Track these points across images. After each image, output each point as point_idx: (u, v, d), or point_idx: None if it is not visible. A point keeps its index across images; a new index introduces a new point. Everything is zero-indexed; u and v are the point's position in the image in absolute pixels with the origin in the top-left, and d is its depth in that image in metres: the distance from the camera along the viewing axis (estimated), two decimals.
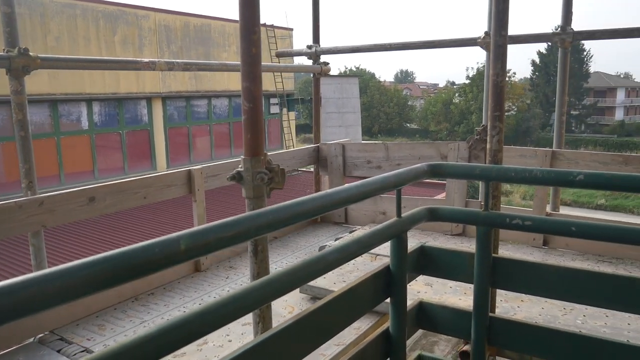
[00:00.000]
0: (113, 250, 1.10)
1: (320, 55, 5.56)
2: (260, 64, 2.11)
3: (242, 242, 1.48)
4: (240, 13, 2.06)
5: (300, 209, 1.68)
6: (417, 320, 2.60)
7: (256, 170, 2.16)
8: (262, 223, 1.52)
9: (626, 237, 2.06)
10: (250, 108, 2.11)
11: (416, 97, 75.65)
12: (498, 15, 2.59)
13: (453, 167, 2.51)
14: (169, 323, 1.18)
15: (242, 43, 2.08)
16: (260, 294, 1.47)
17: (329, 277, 3.91)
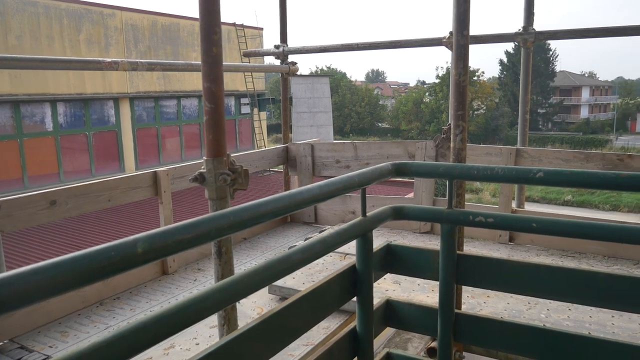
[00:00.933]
0: (66, 255, 1.07)
1: (288, 55, 5.54)
2: (222, 64, 2.08)
3: (204, 244, 1.46)
4: (201, 13, 2.04)
5: (263, 209, 1.67)
6: (384, 318, 2.61)
7: (219, 172, 2.13)
8: (223, 224, 1.50)
9: (584, 232, 2.11)
10: (211, 109, 2.09)
11: (387, 96, 76.21)
12: (459, 17, 2.62)
13: (417, 166, 2.53)
14: (126, 328, 1.15)
15: (203, 43, 2.06)
16: (223, 296, 1.45)
17: (298, 277, 3.91)
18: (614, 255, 4.34)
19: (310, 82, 20.46)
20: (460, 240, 2.87)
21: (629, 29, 4.53)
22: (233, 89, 18.78)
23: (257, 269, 1.61)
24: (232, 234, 2.03)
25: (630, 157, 4.29)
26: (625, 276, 2.11)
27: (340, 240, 2.05)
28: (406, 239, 4.89)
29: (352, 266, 2.26)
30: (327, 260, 4.24)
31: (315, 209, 5.59)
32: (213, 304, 1.40)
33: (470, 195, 32.78)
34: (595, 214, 29.57)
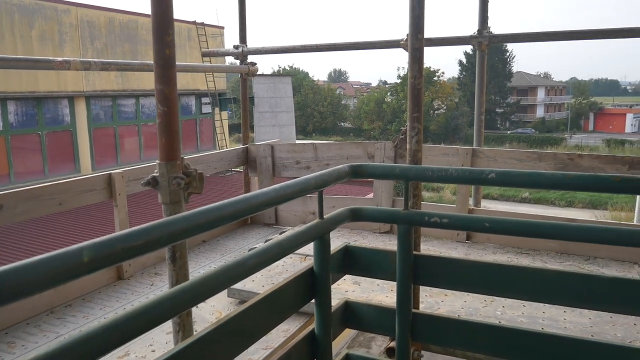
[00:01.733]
0: (5, 266, 1.02)
1: (247, 55, 5.50)
2: (175, 66, 2.04)
3: (155, 251, 1.42)
4: (153, 14, 1.99)
5: (217, 214, 1.64)
6: (343, 319, 2.62)
7: (172, 175, 2.09)
8: (175, 230, 1.47)
9: (534, 231, 2.17)
10: (164, 111, 2.05)
11: (350, 96, 76.66)
12: (414, 20, 2.65)
13: (373, 167, 2.54)
14: (76, 336, 1.11)
15: (155, 44, 2.01)
16: (177, 302, 1.42)
17: (257, 280, 3.88)
18: (566, 252, 4.49)
19: (272, 81, 20.36)
20: (417, 241, 2.91)
21: (579, 33, 4.68)
22: (194, 88, 18.52)
23: (211, 274, 1.59)
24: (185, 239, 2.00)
25: (580, 156, 4.44)
26: (574, 273, 2.17)
27: (297, 243, 2.04)
28: (366, 240, 4.93)
29: (310, 268, 2.26)
30: (287, 262, 4.23)
31: (276, 210, 5.57)
32: (166, 310, 1.37)
33: (432, 193, 33.35)
34: (551, 211, 30.54)
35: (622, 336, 3.08)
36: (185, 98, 18.73)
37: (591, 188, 2.08)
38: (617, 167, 4.26)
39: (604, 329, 3.16)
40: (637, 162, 4.24)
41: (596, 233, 2.07)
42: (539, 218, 5.04)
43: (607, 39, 4.58)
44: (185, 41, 18.03)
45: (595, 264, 4.26)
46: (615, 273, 4.05)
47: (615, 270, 4.13)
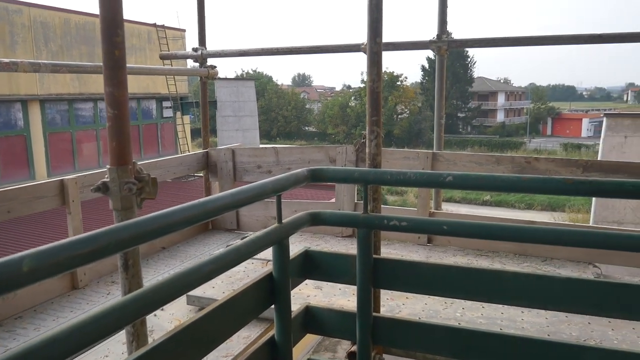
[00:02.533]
0: None
1: (207, 58, 5.42)
2: (125, 67, 1.98)
3: (103, 259, 1.36)
4: (101, 13, 1.92)
5: (170, 219, 1.60)
6: (303, 324, 2.60)
7: (123, 180, 2.02)
8: (124, 237, 1.42)
9: (490, 233, 2.19)
10: (114, 115, 1.98)
11: (314, 100, 76.84)
12: (372, 24, 2.65)
13: (333, 171, 2.53)
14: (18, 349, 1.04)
15: (104, 45, 1.95)
16: (129, 311, 1.37)
17: (218, 287, 3.81)
18: (524, 253, 4.57)
19: (235, 85, 20.18)
20: (377, 244, 2.90)
21: (536, 39, 4.80)
22: (154, 91, 18.19)
23: (164, 281, 1.54)
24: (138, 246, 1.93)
25: (537, 159, 4.54)
26: (531, 274, 2.21)
27: (255, 249, 2.01)
28: (328, 244, 4.91)
29: (269, 274, 2.23)
30: (248, 268, 4.17)
31: (237, 215, 5.50)
32: (117, 320, 1.32)
33: (396, 197, 33.69)
34: (511, 213, 31.28)
35: (577, 335, 3.15)
36: (146, 102, 18.38)
37: (545, 190, 2.11)
38: (572, 169, 4.37)
39: (560, 329, 3.23)
40: (590, 165, 4.36)
41: (552, 235, 2.11)
42: (497, 220, 5.13)
43: (563, 45, 4.72)
44: (145, 44, 17.70)
45: (552, 264, 4.36)
46: (571, 273, 4.15)
47: (571, 270, 4.23)
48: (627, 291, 2.02)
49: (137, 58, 17.27)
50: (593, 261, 4.37)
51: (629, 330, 3.19)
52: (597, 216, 9.56)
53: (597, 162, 4.43)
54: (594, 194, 2.06)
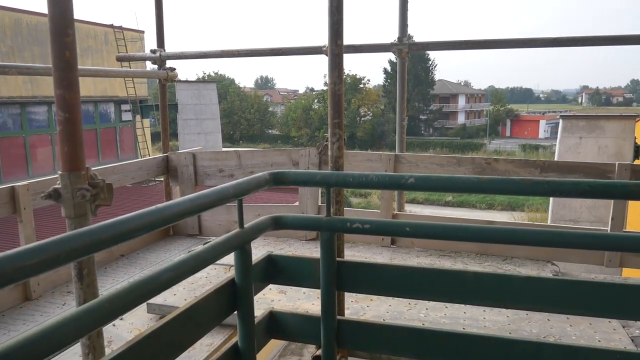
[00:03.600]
0: None
1: (165, 60, 5.30)
2: (76, 69, 1.90)
3: (53, 269, 1.30)
4: (49, 11, 1.85)
5: (125, 227, 1.54)
6: (267, 330, 2.57)
7: (76, 187, 1.94)
8: (76, 246, 1.36)
9: (451, 234, 2.22)
10: (66, 118, 1.90)
11: (277, 103, 76.64)
12: (333, 26, 2.64)
13: (295, 174, 2.51)
14: None
15: (54, 46, 1.87)
16: (83, 323, 1.31)
17: (180, 294, 3.73)
18: (485, 253, 4.65)
19: (197, 88, 19.89)
20: (341, 247, 2.89)
21: (494, 42, 4.89)
22: (112, 94, 17.75)
23: (120, 291, 1.49)
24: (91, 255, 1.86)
25: (497, 160, 4.63)
26: (491, 274, 2.24)
27: (215, 254, 1.97)
28: (292, 247, 4.87)
29: (231, 280, 2.20)
30: (210, 274, 4.10)
31: (199, 220, 5.40)
32: (70, 332, 1.26)
33: (360, 199, 33.90)
34: (472, 213, 31.91)
35: (537, 332, 3.21)
36: (104, 105, 17.92)
37: (504, 191, 2.14)
38: (530, 170, 4.47)
39: (520, 326, 3.29)
40: (547, 165, 4.47)
41: (511, 235, 2.15)
42: (459, 221, 5.20)
43: (519, 48, 4.82)
44: (102, 45, 17.26)
45: (512, 263, 4.44)
46: (531, 271, 4.24)
47: (530, 268, 4.32)
48: (583, 288, 2.07)
49: (94, 60, 16.82)
50: (551, 259, 4.48)
51: (586, 325, 3.28)
52: (554, 215, 9.83)
53: (554, 163, 4.54)
54: (551, 194, 2.10)
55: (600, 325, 3.28)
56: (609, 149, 9.85)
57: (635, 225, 10.48)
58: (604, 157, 9.69)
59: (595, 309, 2.09)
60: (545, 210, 25.34)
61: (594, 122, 10.02)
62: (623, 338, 3.14)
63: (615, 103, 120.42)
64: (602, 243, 2.07)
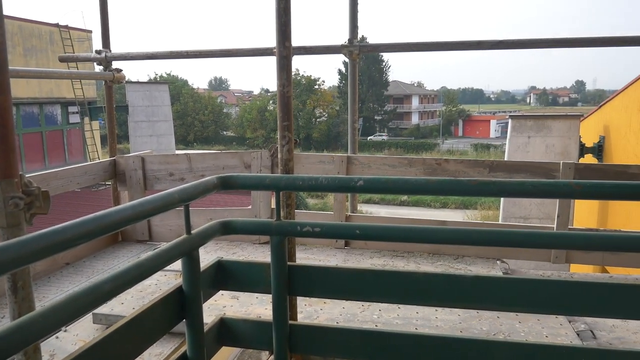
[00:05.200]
0: None
1: (111, 61, 5.13)
2: (7, 70, 1.80)
3: None
4: None
5: (61, 237, 1.46)
6: (218, 337, 2.51)
7: (9, 195, 1.83)
8: (7, 258, 1.29)
9: (401, 235, 2.22)
10: None
11: (231, 104, 76.00)
12: (281, 28, 2.61)
13: (244, 178, 2.46)
14: None
15: None
16: (17, 338, 1.24)
17: (127, 302, 3.61)
18: (438, 252, 4.71)
19: (148, 89, 19.41)
20: (292, 251, 2.86)
21: (443, 44, 4.97)
22: (59, 95, 17.10)
23: (57, 304, 1.41)
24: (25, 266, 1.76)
25: (447, 161, 4.70)
26: (441, 274, 2.26)
27: (161, 262, 1.91)
28: (245, 251, 4.81)
29: (179, 287, 2.14)
30: (161, 280, 3.99)
31: (149, 225, 5.25)
32: (4, 348, 1.18)
33: (317, 200, 33.98)
34: (427, 212, 32.48)
35: (487, 330, 3.27)
36: (49, 107, 17.24)
37: (451, 192, 2.16)
38: (479, 170, 4.57)
39: (471, 324, 3.34)
40: (496, 165, 4.57)
41: (461, 235, 2.17)
42: (412, 222, 5.26)
43: (468, 50, 4.92)
44: (46, 45, 16.60)
45: (463, 262, 4.52)
46: (481, 270, 4.33)
47: (481, 267, 4.40)
48: (531, 286, 2.11)
49: (39, 60, 16.17)
50: (501, 257, 4.58)
51: (534, 322, 3.36)
52: (505, 212, 10.11)
53: (502, 163, 4.65)
54: (496, 195, 2.13)
55: (548, 321, 3.37)
56: (555, 147, 10.21)
57: (582, 221, 10.91)
58: (551, 156, 10.04)
59: (543, 305, 2.13)
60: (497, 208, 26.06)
61: (541, 122, 10.36)
62: (569, 333, 3.24)
63: (562, 103, 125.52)
64: (547, 241, 2.12)
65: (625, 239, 2.00)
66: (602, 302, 2.03)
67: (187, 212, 2.13)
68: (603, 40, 4.67)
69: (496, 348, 2.19)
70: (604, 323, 3.39)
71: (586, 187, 1.97)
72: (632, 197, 2.00)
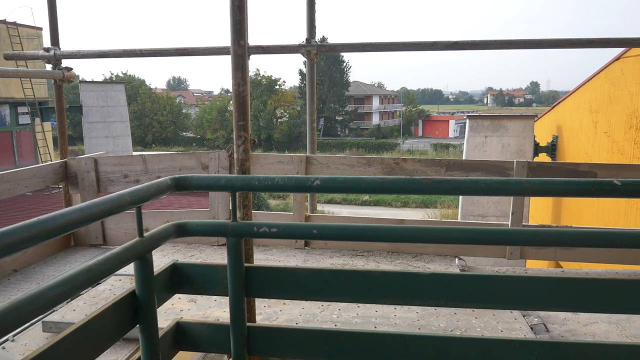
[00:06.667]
0: None
1: (61, 59, 4.95)
2: None
3: None
4: None
5: (1, 242, 1.39)
6: (174, 342, 2.45)
7: None
8: None
9: (359, 235, 2.22)
10: None
11: (191, 104, 74.91)
12: (235, 26, 2.57)
13: (198, 179, 2.41)
14: None
15: None
16: None
17: (80, 309, 3.50)
18: (397, 251, 4.75)
19: (103, 89, 18.87)
20: (250, 252, 2.83)
21: (399, 45, 5.02)
22: (7, 95, 16.44)
23: None
24: None
25: (405, 160, 4.74)
26: (398, 272, 2.26)
27: (111, 266, 1.85)
28: (204, 253, 4.73)
29: (132, 292, 2.07)
30: (115, 285, 3.88)
31: (103, 229, 5.09)
32: None
33: (278, 200, 33.89)
34: (388, 211, 32.85)
35: (445, 326, 3.32)
36: None
37: (407, 190, 2.17)
38: (436, 169, 4.63)
39: (429, 321, 3.38)
40: (452, 164, 4.65)
41: (417, 233, 2.18)
42: (371, 221, 5.30)
43: (424, 51, 4.98)
44: None
45: (422, 260, 4.57)
46: (439, 267, 4.39)
47: (439, 264, 4.47)
48: (486, 282, 2.14)
49: None
50: (459, 254, 4.66)
51: (490, 317, 3.43)
52: (464, 210, 10.32)
53: (458, 162, 4.73)
54: (451, 192, 2.15)
55: (503, 316, 3.44)
56: (511, 147, 10.49)
57: (538, 218, 11.24)
58: (507, 155, 10.32)
59: (498, 301, 2.17)
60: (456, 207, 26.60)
61: (497, 122, 10.62)
62: (523, 327, 3.31)
63: (517, 103, 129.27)
64: (500, 238, 2.16)
65: (574, 234, 2.06)
66: (554, 296, 2.08)
67: (140, 215, 2.08)
68: (550, 42, 4.81)
69: (453, 344, 2.22)
70: (556, 316, 3.49)
71: (536, 184, 2.02)
72: (580, 193, 2.06)
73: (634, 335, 3.28)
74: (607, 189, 1.92)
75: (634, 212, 6.80)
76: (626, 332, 3.32)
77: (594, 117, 8.74)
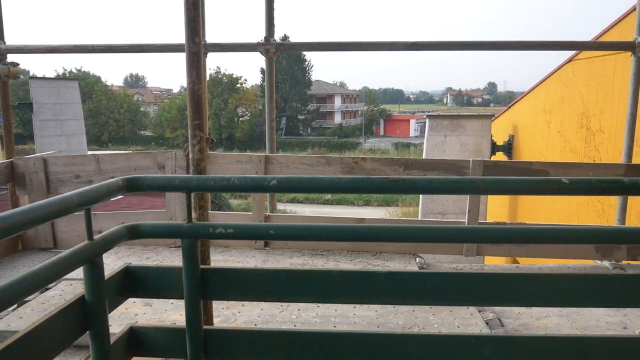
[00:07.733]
0: None
1: (6, 54, 4.74)
2: None
3: None
4: None
5: None
6: (127, 348, 2.38)
7: None
8: None
9: (317, 235, 2.20)
10: None
11: (149, 102, 73.38)
12: (190, 23, 2.52)
13: (151, 179, 2.34)
14: None
15: None
16: None
17: (27, 316, 3.37)
18: (356, 250, 4.77)
19: (56, 85, 18.18)
20: (206, 254, 2.77)
21: (359, 44, 5.04)
22: None
23: None
24: None
25: (364, 160, 4.76)
26: (356, 271, 2.26)
27: (59, 271, 1.77)
28: (160, 255, 4.62)
29: (82, 297, 2.00)
30: (66, 290, 3.75)
31: (53, 231, 4.90)
32: None
33: (240, 200, 33.61)
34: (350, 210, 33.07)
35: (403, 323, 3.35)
36: None
37: (364, 189, 2.17)
38: (395, 168, 4.67)
39: (388, 319, 3.40)
40: (411, 163, 4.69)
41: (375, 232, 2.18)
42: (331, 220, 5.30)
43: (383, 51, 5.02)
44: None
45: (381, 258, 4.60)
46: (398, 265, 4.43)
47: (398, 262, 4.50)
48: (444, 279, 2.17)
49: None
50: (417, 252, 4.71)
51: (447, 313, 3.48)
52: (424, 208, 10.48)
53: (416, 161, 4.78)
54: (407, 191, 2.16)
55: (460, 312, 3.50)
56: (469, 146, 10.72)
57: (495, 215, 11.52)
58: (465, 154, 10.53)
59: (455, 297, 2.19)
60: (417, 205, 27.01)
61: (456, 122, 10.83)
62: (479, 322, 3.38)
63: (476, 103, 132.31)
64: (456, 236, 2.18)
65: (527, 231, 2.10)
66: (509, 291, 2.12)
67: (89, 217, 2.00)
68: (504, 44, 4.92)
69: (411, 341, 2.23)
70: (511, 311, 3.57)
71: (489, 183, 2.05)
72: (531, 192, 2.10)
73: (584, 327, 3.39)
74: (556, 187, 1.97)
75: (585, 209, 7.05)
76: (576, 325, 3.42)
77: (547, 117, 9.03)
